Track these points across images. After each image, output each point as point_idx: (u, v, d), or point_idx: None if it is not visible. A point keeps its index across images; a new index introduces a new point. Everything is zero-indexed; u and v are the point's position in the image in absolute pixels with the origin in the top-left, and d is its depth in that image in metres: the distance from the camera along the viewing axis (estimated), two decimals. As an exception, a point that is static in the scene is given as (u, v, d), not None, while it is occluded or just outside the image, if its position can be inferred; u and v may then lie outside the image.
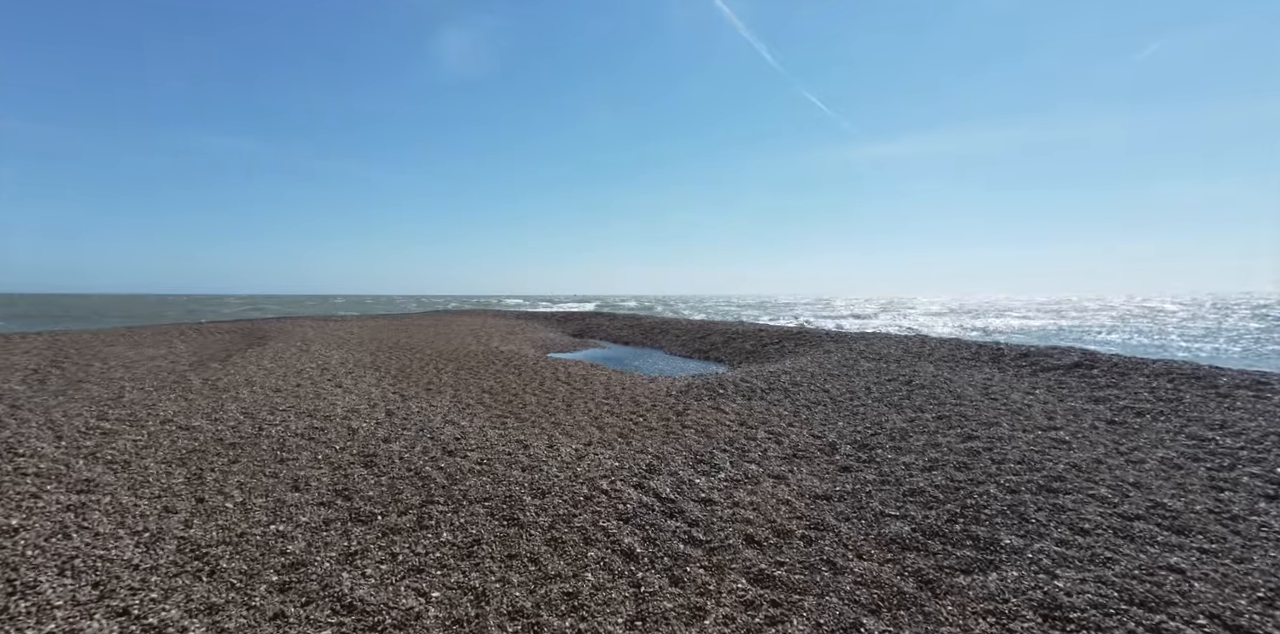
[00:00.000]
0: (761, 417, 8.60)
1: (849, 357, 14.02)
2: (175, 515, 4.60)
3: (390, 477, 5.81)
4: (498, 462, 6.31)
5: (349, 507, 5.00)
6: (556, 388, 11.28)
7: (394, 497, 5.27)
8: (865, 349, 14.85)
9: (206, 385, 10.29)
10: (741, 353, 18.48)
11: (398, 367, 14.39)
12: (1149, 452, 5.87)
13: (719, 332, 22.26)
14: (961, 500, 4.80)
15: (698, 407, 9.32)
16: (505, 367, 14.22)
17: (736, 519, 4.80)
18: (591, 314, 36.95)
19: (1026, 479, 5.08)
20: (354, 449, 6.75)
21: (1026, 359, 12.05)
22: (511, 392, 10.91)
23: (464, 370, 13.58)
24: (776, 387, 10.74)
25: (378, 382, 11.78)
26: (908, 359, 13.07)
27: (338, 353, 16.92)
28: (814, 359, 14.28)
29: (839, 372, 12.12)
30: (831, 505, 5.11)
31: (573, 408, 9.38)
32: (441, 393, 10.73)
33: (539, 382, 12.00)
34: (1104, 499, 4.57)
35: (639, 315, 33.18)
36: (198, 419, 7.73)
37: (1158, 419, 7.16)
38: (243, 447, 6.61)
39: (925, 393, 9.55)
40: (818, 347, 16.92)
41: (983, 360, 12.43)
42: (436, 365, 14.37)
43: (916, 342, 15.50)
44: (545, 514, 4.89)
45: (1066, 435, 6.59)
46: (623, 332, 27.22)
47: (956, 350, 13.58)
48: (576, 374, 13.05)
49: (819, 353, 15.49)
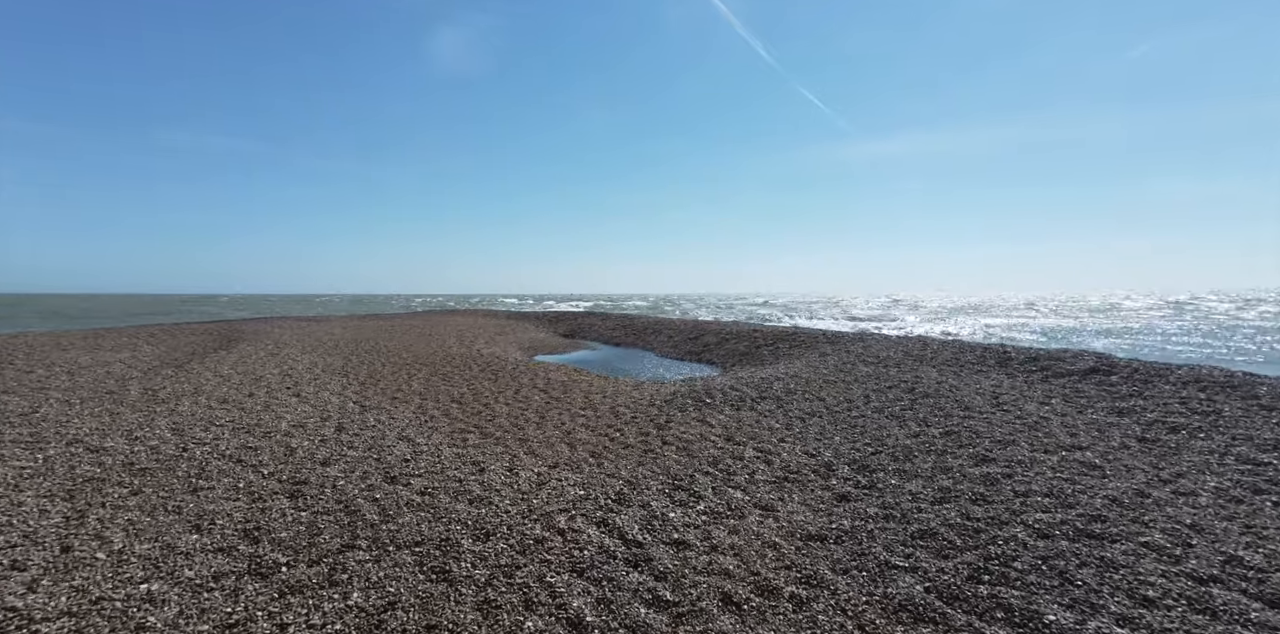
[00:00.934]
0: (751, 430, 7.79)
1: (846, 360, 13.23)
2: (20, 574, 3.76)
3: (315, 511, 4.98)
4: (444, 491, 5.48)
5: (251, 554, 4.17)
6: (532, 397, 10.45)
7: (311, 538, 4.44)
8: (863, 352, 14.06)
9: (144, 396, 9.43)
10: (734, 355, 17.68)
11: (368, 372, 13.55)
12: (1198, 480, 5.07)
13: (712, 332, 21.46)
14: (984, 547, 3.99)
15: (682, 419, 8.50)
16: (483, 372, 13.39)
17: (713, 570, 3.99)
18: (584, 314, 36.10)
19: (1060, 519, 4.27)
20: (285, 474, 5.92)
21: (1036, 363, 11.26)
22: (483, 401, 10.08)
23: (437, 376, 12.73)
24: (768, 394, 9.93)
25: (341, 389, 10.94)
26: (908, 363, 12.28)
27: (309, 357, 16.06)
28: (809, 363, 13.49)
29: (835, 377, 11.32)
30: (827, 549, 4.30)
31: (545, 421, 8.55)
32: (407, 402, 9.90)
33: (514, 389, 11.17)
34: (1161, 550, 3.75)
35: (631, 315, 32.35)
36: (114, 438, 6.88)
37: (1196, 436, 6.36)
38: (154, 473, 5.76)
39: (929, 403, 8.75)
40: (813, 349, 16.12)
41: (989, 365, 11.64)
42: (410, 371, 13.53)
43: (917, 344, 14.71)
44: (484, 565, 4.07)
45: (1096, 457, 5.79)
46: (614, 332, 26.41)
47: (960, 353, 12.79)
48: (557, 381, 12.23)
49: (814, 356, 14.70)
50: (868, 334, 17.41)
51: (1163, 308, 55.41)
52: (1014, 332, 30.14)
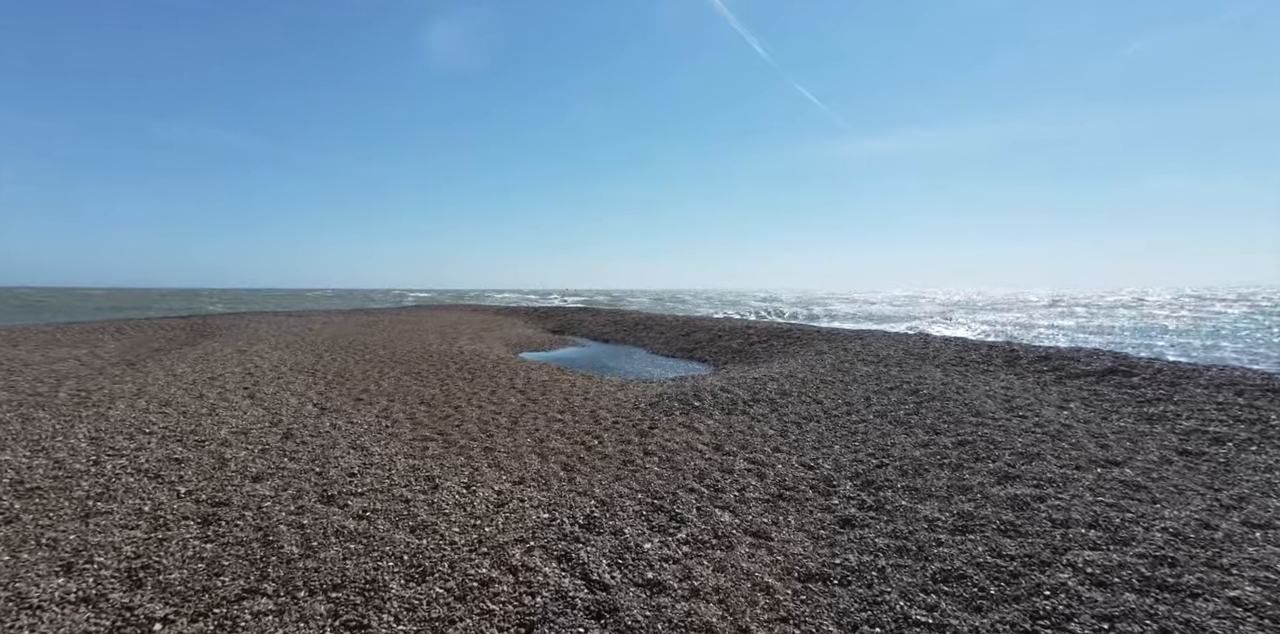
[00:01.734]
0: (742, 438, 7.05)
1: (844, 359, 12.50)
2: None
3: (224, 542, 4.19)
4: (384, 515, 4.70)
5: (123, 606, 3.38)
6: (508, 398, 9.67)
7: (208, 581, 3.66)
8: (861, 350, 13.33)
9: (73, 399, 8.57)
10: (727, 352, 16.94)
11: (338, 370, 12.74)
12: (1267, 505, 4.34)
13: (704, 329, 20.71)
14: (1027, 599, 3.25)
15: (667, 424, 7.75)
16: (459, 370, 12.58)
17: (692, 624, 3.24)
18: (574, 309, 35.29)
19: (1117, 561, 3.53)
20: (206, 492, 5.13)
21: (1046, 363, 10.57)
22: (454, 403, 9.29)
23: (410, 375, 11.93)
24: (762, 396, 9.18)
25: (304, 390, 10.12)
26: (910, 362, 11.56)
27: (279, 353, 15.22)
28: (805, 362, 12.75)
29: (833, 377, 10.58)
30: (830, 594, 3.55)
31: (518, 426, 7.78)
32: (372, 404, 9.10)
33: (490, 390, 10.38)
34: (1260, 611, 3.00)
35: (622, 311, 31.54)
36: (13, 449, 6.04)
37: (1246, 449, 5.65)
38: (44, 493, 4.95)
39: (936, 406, 8.03)
40: (809, 346, 15.39)
41: (995, 364, 10.93)
42: (383, 369, 12.72)
43: (918, 341, 14.00)
44: (410, 618, 3.30)
45: (1138, 475, 5.07)
46: (605, 329, 25.63)
47: (964, 352, 12.09)
48: (537, 381, 11.44)
49: (810, 354, 13.96)
50: (866, 332, 16.69)
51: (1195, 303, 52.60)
52: (1092, 334, 26.75)
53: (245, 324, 23.89)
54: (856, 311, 48.39)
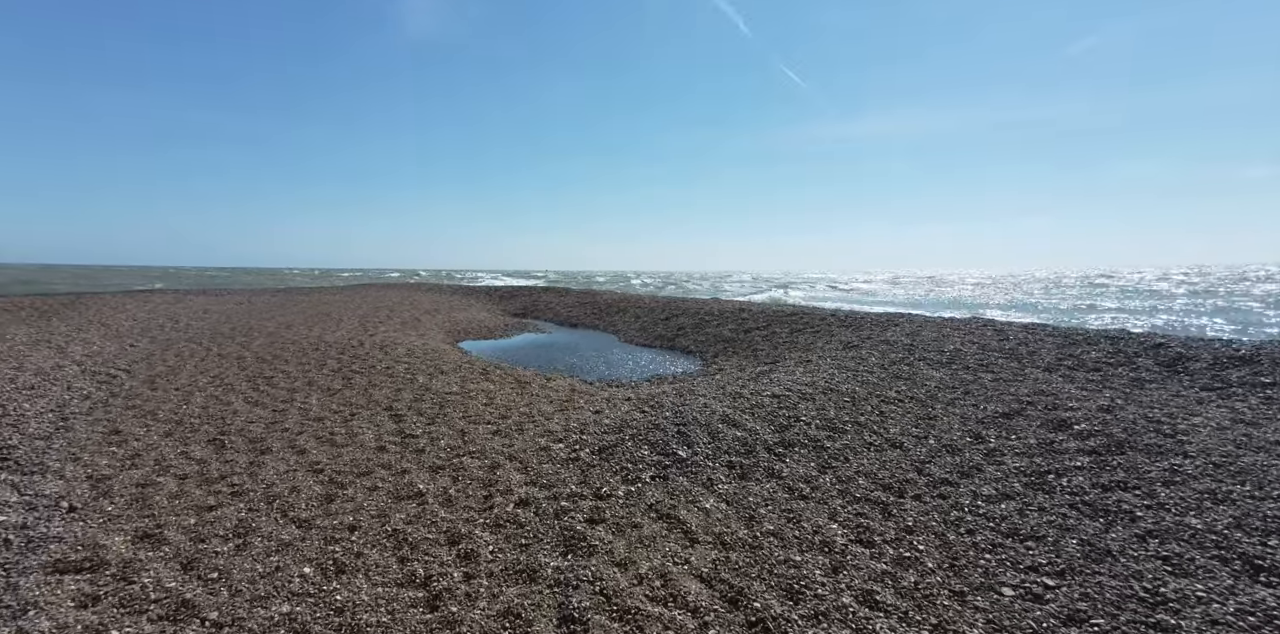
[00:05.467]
0: (784, 556, 3.26)
1: (891, 356, 8.73)
2: None
3: None
4: None
5: None
6: (364, 432, 5.76)
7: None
8: (910, 343, 9.57)
9: None
10: (718, 342, 13.13)
11: (166, 369, 8.76)
12: None
13: (688, 312, 16.87)
14: None
15: (626, 505, 3.93)
16: (337, 373, 8.58)
17: None
18: (542, 290, 31.07)
19: None
20: None
21: (1245, 365, 6.91)
22: (261, 444, 5.37)
23: (257, 382, 7.91)
24: (795, 432, 5.36)
25: (58, 406, 6.07)
26: (1000, 363, 7.83)
27: (113, 344, 11.04)
28: (835, 359, 8.96)
29: (895, 390, 6.81)
30: None
31: (310, 531, 3.86)
32: (123, 443, 5.13)
33: (351, 412, 6.45)
34: None
35: (595, 291, 27.48)
36: None
37: None
38: None
39: (1136, 466, 4.29)
40: (825, 336, 11.60)
41: (1145, 367, 7.17)
42: (233, 370, 8.68)
43: (985, 330, 10.27)
44: None
45: None
46: (573, 311, 21.71)
47: (1069, 346, 8.39)
48: (444, 391, 7.51)
49: (835, 348, 10.18)
50: (898, 316, 12.96)
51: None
52: (1184, 315, 21.92)
53: (120, 303, 19.40)
54: (859, 293, 44.76)
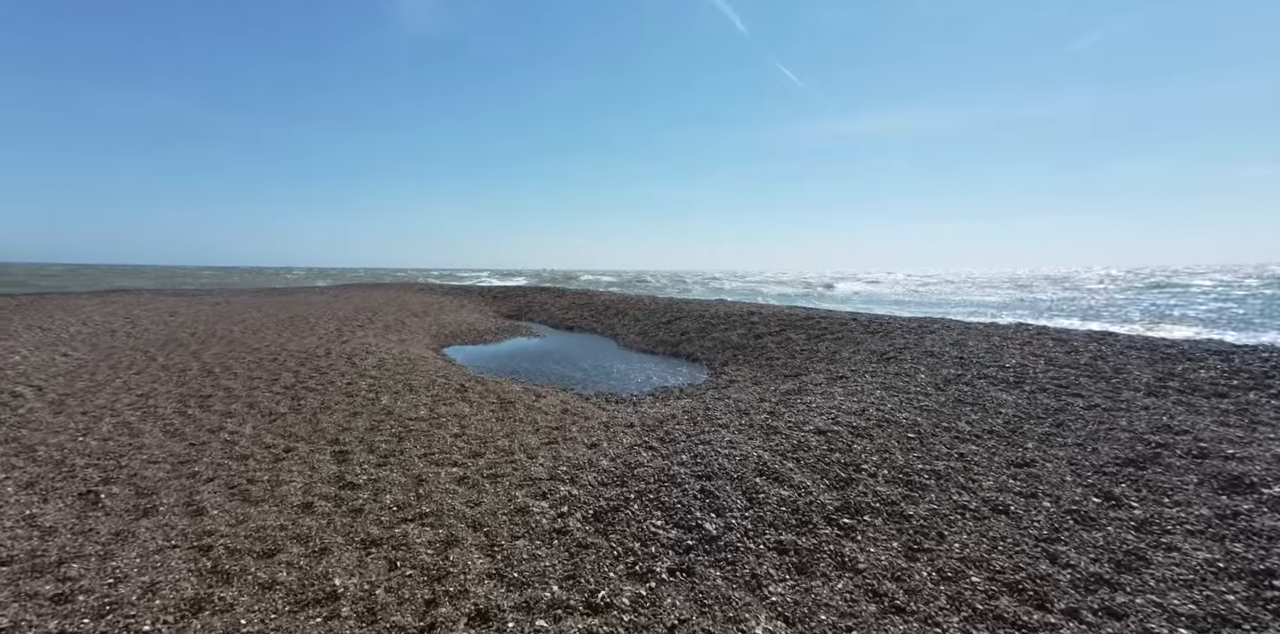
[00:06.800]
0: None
1: (943, 372, 7.38)
2: None
3: None
4: None
5: None
6: (285, 484, 4.41)
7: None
8: (960, 356, 8.21)
9: None
10: (726, 348, 11.79)
11: (85, 385, 7.35)
12: None
13: (691, 315, 15.53)
14: None
15: (643, 618, 2.57)
16: (284, 393, 7.22)
17: None
18: (537, 290, 29.69)
19: None
20: None
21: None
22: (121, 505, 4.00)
23: (188, 402, 6.55)
24: (855, 489, 4.01)
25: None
26: (1084, 384, 6.48)
27: (39, 355, 9.68)
28: (875, 376, 7.61)
29: (965, 419, 5.46)
30: None
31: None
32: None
33: (279, 450, 5.10)
34: None
35: (592, 292, 26.14)
36: None
37: None
38: None
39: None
40: (850, 343, 10.27)
41: (1268, 390, 5.86)
42: (159, 386, 7.31)
43: (1041, 339, 8.91)
44: None
45: None
46: (568, 313, 20.36)
47: (1162, 362, 7.04)
48: (407, 415, 6.16)
49: (867, 359, 8.83)
50: (931, 321, 11.63)
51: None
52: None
53: (78, 306, 18.00)
54: (873, 293, 42.98)
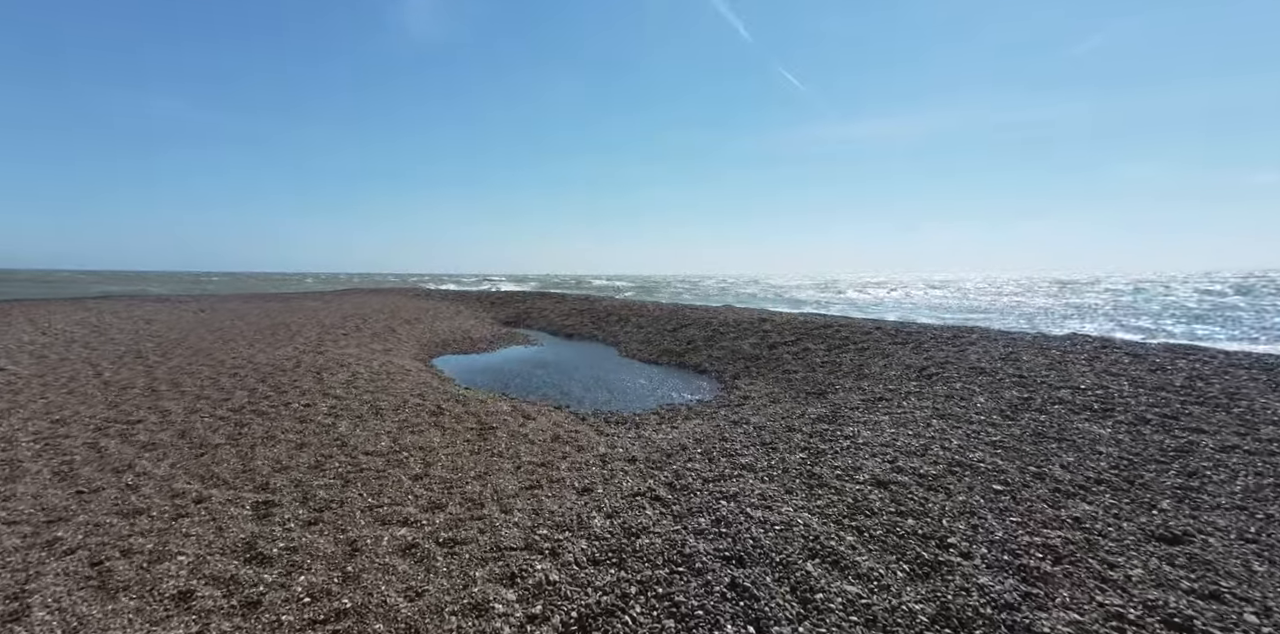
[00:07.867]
0: None
1: (1006, 395, 6.20)
2: None
3: None
4: None
5: None
6: (172, 557, 3.27)
7: None
8: (1019, 374, 7.03)
9: None
10: (738, 359, 10.62)
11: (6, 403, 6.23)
12: None
13: (698, 322, 14.38)
14: None
15: None
16: (228, 417, 6.10)
17: None
18: (537, 295, 28.61)
19: None
20: None
21: None
22: None
23: (98, 435, 5.44)
24: (949, 586, 2.85)
25: None
26: (1195, 413, 5.29)
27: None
28: (924, 399, 6.42)
29: (1059, 462, 4.28)
30: None
31: None
32: None
33: (189, 499, 3.97)
34: None
35: (594, 297, 25.04)
36: None
37: None
38: None
39: None
40: (878, 356, 9.09)
41: None
42: (59, 420, 6.20)
43: (1110, 353, 7.73)
44: None
45: None
46: (569, 319, 19.23)
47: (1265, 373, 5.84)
48: (363, 448, 5.03)
49: (902, 374, 7.65)
50: (967, 330, 10.44)
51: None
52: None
53: (44, 314, 16.99)
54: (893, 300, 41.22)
